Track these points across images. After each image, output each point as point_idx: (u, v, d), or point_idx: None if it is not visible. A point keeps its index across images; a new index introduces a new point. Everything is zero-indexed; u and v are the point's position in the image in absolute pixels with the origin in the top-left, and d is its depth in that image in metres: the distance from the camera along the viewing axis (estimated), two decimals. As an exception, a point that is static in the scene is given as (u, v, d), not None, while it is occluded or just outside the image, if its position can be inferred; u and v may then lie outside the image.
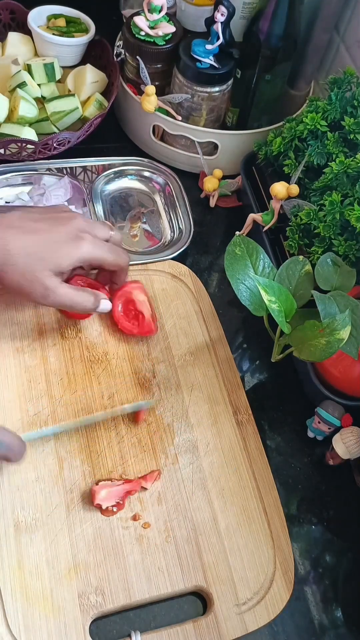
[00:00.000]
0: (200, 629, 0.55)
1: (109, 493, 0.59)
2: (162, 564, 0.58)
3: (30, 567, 0.56)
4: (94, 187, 0.84)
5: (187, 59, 0.81)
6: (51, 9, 0.92)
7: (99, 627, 0.55)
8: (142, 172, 0.88)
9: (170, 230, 0.84)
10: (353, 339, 0.61)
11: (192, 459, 0.64)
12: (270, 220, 0.76)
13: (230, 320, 0.77)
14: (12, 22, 0.95)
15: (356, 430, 0.63)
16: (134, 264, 0.77)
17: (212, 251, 0.84)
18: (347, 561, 0.63)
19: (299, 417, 0.70)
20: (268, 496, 0.63)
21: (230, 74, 0.83)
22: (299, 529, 0.64)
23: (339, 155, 0.70)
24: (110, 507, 0.59)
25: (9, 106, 0.84)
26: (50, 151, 0.82)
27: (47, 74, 0.87)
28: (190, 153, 0.88)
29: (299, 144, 0.75)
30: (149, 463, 0.63)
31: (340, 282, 0.65)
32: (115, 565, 0.57)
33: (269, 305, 0.61)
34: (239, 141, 0.87)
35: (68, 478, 0.61)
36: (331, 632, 0.59)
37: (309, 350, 0.60)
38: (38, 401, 0.65)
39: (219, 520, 0.61)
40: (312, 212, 0.68)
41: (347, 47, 0.88)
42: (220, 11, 0.78)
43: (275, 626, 0.58)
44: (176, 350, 0.71)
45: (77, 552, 0.57)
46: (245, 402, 0.69)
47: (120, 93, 0.90)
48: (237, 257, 0.67)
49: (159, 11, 0.82)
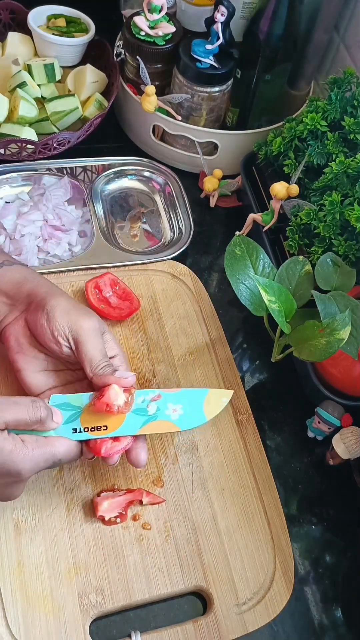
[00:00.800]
0: (200, 629, 0.55)
1: (111, 504, 0.59)
2: (162, 564, 0.58)
3: (30, 567, 0.56)
4: (94, 187, 0.84)
5: (187, 59, 0.81)
6: (51, 9, 0.92)
7: (99, 627, 0.55)
8: (142, 172, 0.88)
9: (170, 230, 0.84)
10: (353, 339, 0.61)
11: (192, 459, 0.64)
12: (270, 220, 0.76)
13: (230, 320, 0.77)
14: (12, 22, 0.95)
15: (356, 430, 0.63)
16: (134, 264, 0.77)
17: (212, 251, 0.84)
18: (347, 561, 0.63)
19: (299, 417, 0.70)
20: (268, 496, 0.63)
21: (230, 74, 0.83)
22: (299, 529, 0.64)
23: (339, 155, 0.70)
24: (112, 518, 0.59)
25: (9, 106, 0.84)
26: (50, 151, 0.82)
27: (47, 75, 0.87)
28: (190, 153, 0.88)
29: (299, 144, 0.75)
30: (149, 463, 0.63)
31: (340, 282, 0.65)
32: (115, 565, 0.57)
33: (269, 305, 0.61)
34: (239, 141, 0.87)
35: (68, 478, 0.61)
36: (331, 632, 0.59)
37: (309, 350, 0.60)
38: (38, 401, 0.65)
39: (219, 520, 0.61)
40: (312, 212, 0.68)
41: (347, 47, 0.88)
42: (220, 11, 0.78)
43: (275, 626, 0.58)
44: (176, 350, 0.71)
45: (77, 552, 0.57)
46: (245, 402, 0.69)
47: (120, 93, 0.90)
48: (237, 257, 0.67)
49: (159, 11, 0.82)
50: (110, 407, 0.54)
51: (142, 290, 0.75)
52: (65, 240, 0.78)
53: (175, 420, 0.56)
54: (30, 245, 0.76)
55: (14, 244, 0.76)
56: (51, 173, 0.84)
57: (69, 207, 0.81)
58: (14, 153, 0.81)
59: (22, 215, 0.78)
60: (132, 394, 0.57)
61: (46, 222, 0.78)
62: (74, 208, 0.81)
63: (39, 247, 0.77)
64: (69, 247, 0.79)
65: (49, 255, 0.77)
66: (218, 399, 0.58)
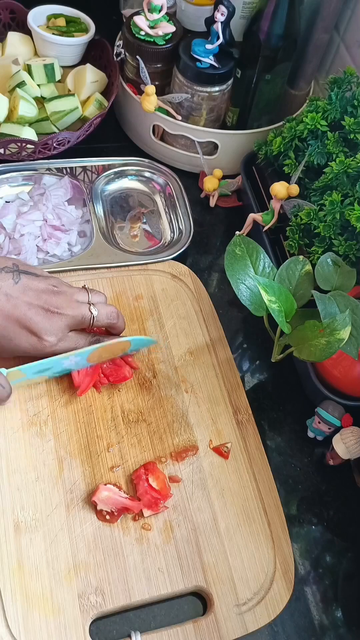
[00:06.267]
0: (200, 629, 0.55)
1: (108, 498, 0.59)
2: (162, 564, 0.58)
3: (30, 567, 0.56)
4: (94, 187, 0.84)
5: (187, 59, 0.81)
6: (51, 9, 0.92)
7: (99, 628, 0.55)
8: (143, 172, 0.88)
9: (170, 230, 0.84)
10: (353, 339, 0.61)
11: (192, 459, 0.64)
12: (271, 220, 0.76)
13: (230, 320, 0.77)
14: (12, 22, 0.95)
15: (356, 430, 0.63)
16: (135, 264, 0.77)
17: (212, 251, 0.84)
18: (347, 561, 0.63)
19: (299, 417, 0.70)
20: (268, 496, 0.63)
21: (230, 74, 0.83)
22: (299, 529, 0.64)
23: (339, 155, 0.70)
24: (104, 510, 0.59)
25: (8, 106, 0.84)
26: (50, 151, 0.82)
27: (47, 75, 0.87)
28: (190, 153, 0.88)
29: (299, 144, 0.75)
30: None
31: (341, 282, 0.65)
32: (115, 566, 0.57)
33: (269, 305, 0.61)
34: (239, 141, 0.87)
35: (68, 478, 0.61)
36: (331, 632, 0.59)
37: (309, 350, 0.60)
38: (38, 401, 0.65)
39: (219, 521, 0.61)
40: (312, 212, 0.68)
41: (347, 47, 0.88)
42: (220, 11, 0.78)
43: (275, 626, 0.58)
44: (176, 350, 0.71)
45: (77, 552, 0.57)
46: (245, 402, 0.69)
47: (120, 93, 0.90)
48: (237, 257, 0.67)
49: (159, 11, 0.82)
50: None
51: (142, 290, 0.75)
52: (65, 240, 0.78)
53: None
54: (29, 245, 0.76)
55: (13, 243, 0.76)
56: (51, 173, 0.84)
57: (69, 207, 0.81)
58: (13, 153, 0.81)
59: (21, 214, 0.78)
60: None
61: (46, 222, 0.78)
62: (74, 208, 0.81)
63: (38, 246, 0.77)
64: (68, 247, 0.79)
65: (48, 255, 0.77)
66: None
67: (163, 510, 0.60)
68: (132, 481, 0.61)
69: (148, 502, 0.59)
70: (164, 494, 0.60)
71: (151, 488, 0.60)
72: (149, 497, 0.59)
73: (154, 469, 0.61)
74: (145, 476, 0.61)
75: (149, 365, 0.70)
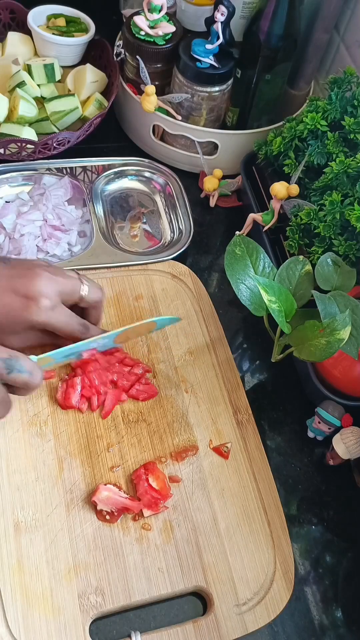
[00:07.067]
0: (200, 629, 0.55)
1: (108, 498, 0.59)
2: (162, 564, 0.58)
3: (30, 567, 0.56)
4: (94, 187, 0.84)
5: (187, 59, 0.81)
6: (51, 9, 0.92)
7: (99, 627, 0.55)
8: (143, 172, 0.88)
9: (170, 230, 0.84)
10: (353, 339, 0.61)
11: (192, 459, 0.64)
12: (270, 220, 0.76)
13: (230, 320, 0.77)
14: (12, 22, 0.95)
15: (356, 430, 0.63)
16: (135, 264, 0.77)
17: (212, 251, 0.84)
18: (347, 561, 0.63)
19: (299, 417, 0.70)
20: (268, 496, 0.63)
21: (230, 74, 0.83)
22: (299, 529, 0.64)
23: (339, 155, 0.70)
24: (104, 510, 0.59)
25: (8, 106, 0.84)
26: (50, 151, 0.82)
27: (47, 75, 0.87)
28: (190, 153, 0.88)
29: (299, 144, 0.75)
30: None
31: (341, 282, 0.65)
32: (115, 566, 0.57)
33: (269, 305, 0.61)
34: (239, 141, 0.87)
35: (68, 478, 0.61)
36: (331, 632, 0.59)
37: (309, 350, 0.60)
38: (38, 401, 0.65)
39: (219, 521, 0.61)
40: (312, 212, 0.68)
41: (347, 47, 0.88)
42: (220, 11, 0.78)
43: (275, 626, 0.58)
44: (176, 350, 0.71)
45: (77, 552, 0.57)
46: (245, 402, 0.69)
47: (120, 93, 0.90)
48: (237, 257, 0.67)
49: (158, 11, 0.82)
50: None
51: (142, 290, 0.75)
52: (65, 240, 0.78)
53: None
54: (29, 244, 0.76)
55: (13, 243, 0.76)
56: (51, 173, 0.84)
57: (69, 207, 0.81)
58: (13, 153, 0.81)
59: (21, 214, 0.78)
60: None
61: (46, 221, 0.78)
62: (74, 208, 0.81)
63: (38, 246, 0.77)
64: (68, 247, 0.79)
65: (48, 255, 0.77)
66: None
67: (163, 510, 0.60)
68: (132, 481, 0.61)
69: (148, 502, 0.59)
70: (164, 494, 0.60)
71: (151, 488, 0.60)
72: (149, 497, 0.59)
73: (154, 469, 0.61)
74: (145, 476, 0.61)
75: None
